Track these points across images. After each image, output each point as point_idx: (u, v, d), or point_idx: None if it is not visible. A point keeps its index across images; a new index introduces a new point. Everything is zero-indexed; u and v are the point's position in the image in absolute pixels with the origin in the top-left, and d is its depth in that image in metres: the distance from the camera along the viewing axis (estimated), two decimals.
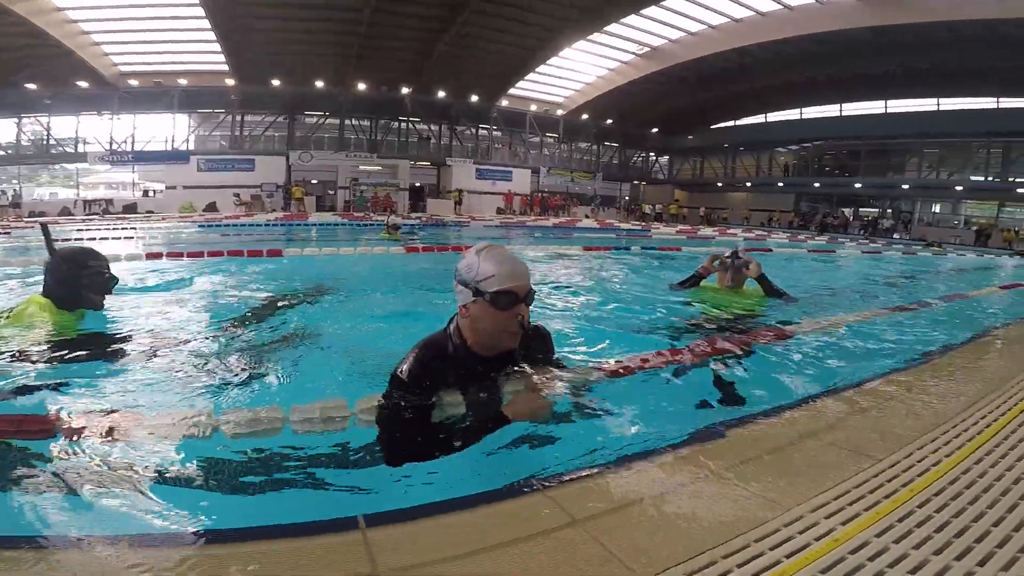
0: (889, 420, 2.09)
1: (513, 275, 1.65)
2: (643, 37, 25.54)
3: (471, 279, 1.66)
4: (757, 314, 3.95)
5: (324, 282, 5.62)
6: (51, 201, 26.19)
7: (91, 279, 2.72)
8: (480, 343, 1.73)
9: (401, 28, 22.14)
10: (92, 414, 1.72)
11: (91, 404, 2.10)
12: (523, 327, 1.66)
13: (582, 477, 1.58)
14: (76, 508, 1.49)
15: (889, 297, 6.77)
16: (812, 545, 1.29)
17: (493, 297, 1.62)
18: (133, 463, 1.65)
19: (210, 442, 1.71)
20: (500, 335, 1.69)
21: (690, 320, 3.86)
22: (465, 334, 1.74)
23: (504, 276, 1.63)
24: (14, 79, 22.41)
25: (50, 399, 2.11)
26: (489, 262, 1.65)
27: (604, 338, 3.43)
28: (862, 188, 30.70)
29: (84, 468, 1.60)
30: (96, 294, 2.78)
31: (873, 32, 20.85)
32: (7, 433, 1.67)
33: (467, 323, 1.72)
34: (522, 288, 1.66)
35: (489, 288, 1.62)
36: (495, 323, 1.66)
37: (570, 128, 34.07)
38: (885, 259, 12.42)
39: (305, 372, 2.72)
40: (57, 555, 1.18)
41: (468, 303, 1.68)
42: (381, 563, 1.18)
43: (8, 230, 13.16)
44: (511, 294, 1.64)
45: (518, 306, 1.65)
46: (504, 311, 1.64)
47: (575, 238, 14.43)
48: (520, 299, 1.66)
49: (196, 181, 26.00)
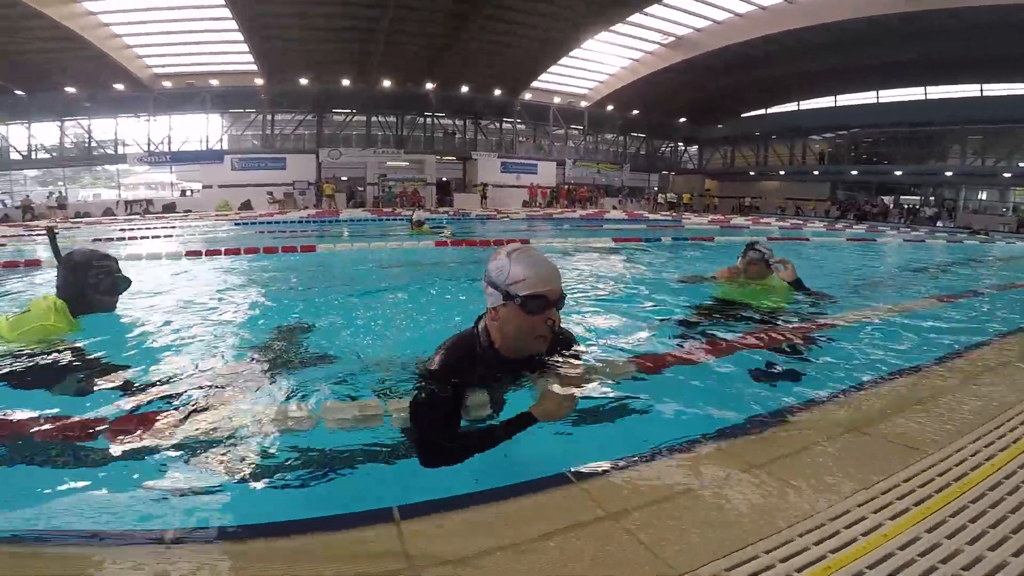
0: (939, 413, 2.01)
1: (544, 279, 1.62)
2: (667, 27, 24.98)
3: (502, 282, 1.63)
4: (781, 309, 3.65)
5: (354, 276, 5.70)
6: (95, 202, 27.22)
7: (98, 279, 2.64)
8: (508, 346, 1.71)
9: (423, 23, 22.17)
10: (126, 412, 1.78)
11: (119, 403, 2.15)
12: (553, 331, 1.64)
13: (616, 470, 1.56)
14: (113, 504, 1.52)
15: (935, 286, 6.51)
16: (859, 540, 1.25)
17: (523, 301, 1.60)
18: (171, 460, 1.68)
19: (245, 439, 1.75)
20: (529, 339, 1.67)
21: (710, 313, 3.61)
22: (493, 336, 1.72)
23: (535, 280, 1.61)
24: (51, 82, 23.29)
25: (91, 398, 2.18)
26: (520, 265, 1.62)
27: (632, 331, 3.39)
28: (902, 176, 29.55)
29: (117, 465, 1.63)
30: (104, 295, 2.70)
31: (903, 19, 19.94)
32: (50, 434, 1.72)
33: (496, 325, 1.70)
34: (553, 293, 1.64)
35: (520, 292, 1.60)
36: (524, 327, 1.64)
37: (595, 120, 33.67)
38: (928, 247, 11.95)
39: (336, 369, 2.75)
40: (98, 549, 1.21)
41: (498, 306, 1.66)
42: (416, 556, 1.18)
43: (57, 231, 13.76)
44: (542, 298, 1.61)
45: (548, 311, 1.63)
46: (534, 315, 1.62)
47: (604, 230, 14.25)
48: (551, 303, 1.63)
49: (231, 180, 26.71)
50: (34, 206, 23.45)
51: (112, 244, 10.18)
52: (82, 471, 1.65)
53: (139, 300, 4.34)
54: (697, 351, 2.46)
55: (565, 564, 1.17)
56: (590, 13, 22.03)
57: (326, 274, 6.53)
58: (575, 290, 4.92)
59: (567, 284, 5.14)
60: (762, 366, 2.57)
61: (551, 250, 8.38)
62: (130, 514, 1.48)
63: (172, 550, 1.19)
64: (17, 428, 1.73)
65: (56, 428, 1.72)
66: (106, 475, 1.62)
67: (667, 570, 1.14)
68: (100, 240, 10.56)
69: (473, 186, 29.99)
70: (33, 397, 2.08)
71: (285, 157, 28.09)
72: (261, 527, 1.31)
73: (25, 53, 21.33)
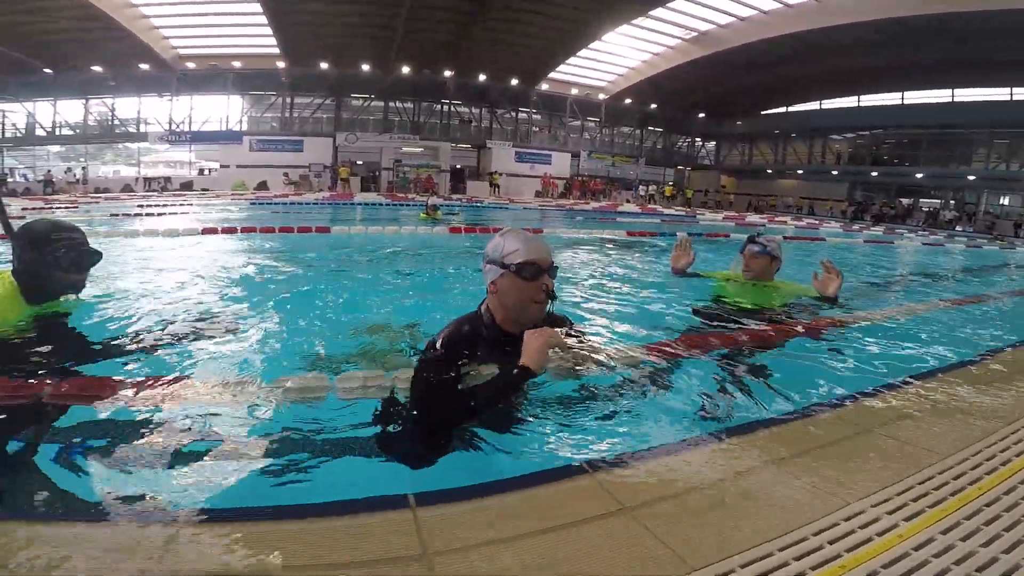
0: (954, 416, 2.01)
1: (535, 248, 1.74)
2: (689, 22, 24.62)
3: (498, 256, 1.76)
4: (783, 311, 3.19)
5: (366, 258, 5.75)
6: (115, 178, 27.64)
7: (58, 255, 2.16)
8: (509, 318, 1.80)
9: (442, 10, 22.06)
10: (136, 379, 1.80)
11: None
12: (549, 296, 1.74)
13: (631, 464, 1.56)
14: (131, 484, 1.52)
15: (954, 289, 6.43)
16: (874, 540, 1.27)
17: (519, 268, 1.71)
18: (184, 439, 1.69)
19: (260, 419, 1.78)
20: (527, 306, 1.77)
21: (711, 311, 3.26)
22: (494, 310, 1.82)
23: (527, 249, 1.73)
24: (77, 61, 23.54)
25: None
26: (512, 239, 1.76)
27: (639, 322, 3.39)
28: (924, 178, 29.02)
29: (138, 446, 1.65)
30: (69, 272, 2.22)
31: (934, 20, 19.45)
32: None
33: (495, 299, 1.80)
34: (545, 260, 1.75)
35: (515, 260, 1.72)
36: (522, 294, 1.74)
37: (612, 112, 33.37)
38: (947, 251, 11.76)
39: (347, 344, 2.80)
40: (118, 528, 1.21)
41: (496, 278, 1.77)
42: (431, 544, 1.18)
43: (76, 204, 14.08)
44: (535, 264, 1.73)
45: (542, 276, 1.74)
46: (530, 281, 1.73)
47: (618, 222, 14.18)
48: (544, 270, 1.74)
49: (249, 161, 26.94)
50: (55, 181, 23.95)
51: (129, 219, 10.37)
52: (92, 448, 1.68)
53: (147, 274, 4.44)
54: (709, 345, 2.45)
55: (580, 555, 1.17)
56: (612, 7, 21.75)
57: (339, 254, 6.59)
58: (582, 283, 4.92)
59: (576, 275, 5.16)
60: (775, 363, 2.55)
61: (556, 240, 8.38)
62: (145, 495, 1.47)
63: (187, 530, 1.20)
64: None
65: (86, 391, 1.76)
66: (118, 456, 1.62)
67: (681, 564, 1.15)
68: (117, 215, 10.72)
69: (487, 174, 29.93)
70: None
71: (303, 140, 28.24)
72: (277, 509, 1.32)
73: (53, 32, 21.57)
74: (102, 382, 1.83)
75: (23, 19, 20.19)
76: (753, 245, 3.30)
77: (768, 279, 3.33)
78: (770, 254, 3.27)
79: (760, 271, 3.30)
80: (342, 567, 1.11)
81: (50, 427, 1.76)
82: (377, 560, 1.13)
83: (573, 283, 4.81)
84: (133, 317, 2.78)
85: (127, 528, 1.22)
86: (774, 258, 3.29)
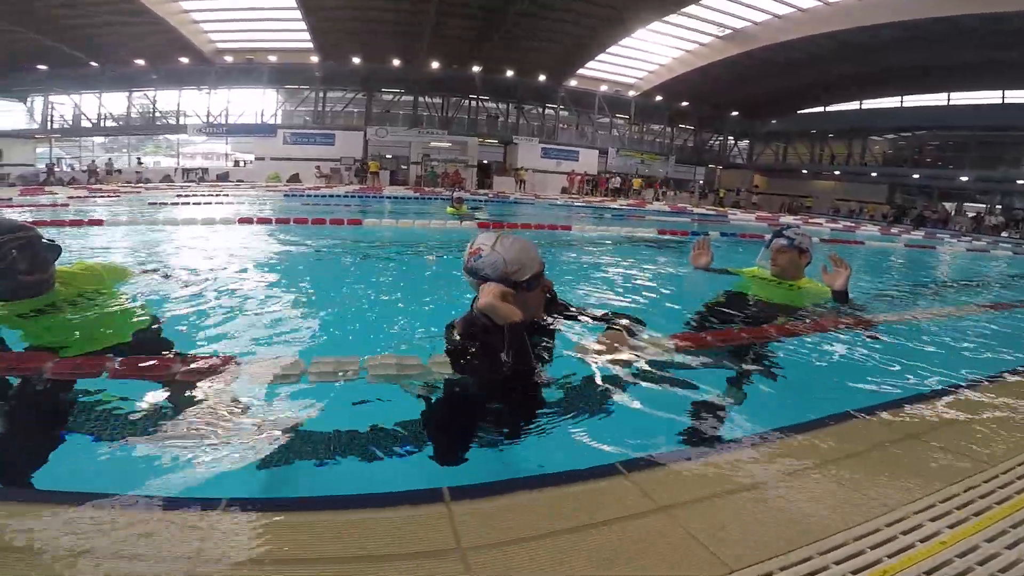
0: (1000, 424, 1.95)
1: (532, 259, 1.78)
2: (724, 19, 24.03)
3: (500, 275, 1.72)
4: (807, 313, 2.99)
5: (396, 250, 5.82)
6: (154, 169, 28.60)
7: (13, 258, 2.01)
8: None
9: (471, 6, 22.07)
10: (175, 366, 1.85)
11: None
12: (549, 294, 1.83)
13: (666, 464, 1.55)
14: (168, 471, 1.54)
15: (1000, 296, 6.19)
16: (917, 547, 1.24)
17: (529, 284, 1.76)
18: (222, 426, 1.70)
19: (297, 410, 1.82)
20: (536, 312, 1.86)
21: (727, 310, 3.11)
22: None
23: (530, 263, 1.76)
24: (122, 54, 24.33)
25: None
26: (511, 254, 1.73)
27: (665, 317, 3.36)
28: (969, 182, 27.85)
29: (177, 431, 1.68)
30: (22, 274, 2.06)
31: (983, 20, 18.59)
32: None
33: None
34: (541, 264, 1.81)
35: (523, 278, 1.74)
36: (531, 301, 1.80)
37: (642, 110, 32.91)
38: (993, 258, 11.30)
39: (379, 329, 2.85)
40: (155, 515, 1.21)
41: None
42: (465, 539, 1.18)
43: (119, 193, 14.62)
44: (538, 276, 1.79)
45: (543, 280, 1.83)
46: (536, 290, 1.80)
47: (647, 221, 14.02)
48: (542, 273, 1.81)
49: (282, 153, 27.50)
50: (98, 170, 24.97)
51: (166, 207, 10.72)
52: (128, 430, 1.72)
53: (189, 259, 4.57)
54: (741, 341, 2.41)
55: (615, 553, 1.17)
56: (645, 3, 21.42)
57: (370, 247, 6.70)
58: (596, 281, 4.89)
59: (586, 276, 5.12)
60: (816, 365, 2.50)
61: (557, 238, 8.33)
62: (183, 482, 1.49)
63: (223, 516, 1.22)
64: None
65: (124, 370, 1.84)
66: (156, 442, 1.66)
67: (720, 566, 1.14)
68: (155, 204, 11.09)
69: (513, 169, 29.92)
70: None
71: (334, 133, 28.65)
72: (312, 500, 1.33)
73: (100, 27, 22.34)
74: (151, 362, 1.90)
75: (71, 13, 20.94)
76: (780, 238, 3.12)
77: (797, 275, 3.14)
78: (798, 247, 3.08)
79: (787, 266, 3.11)
80: (384, 559, 1.11)
81: (86, 410, 1.81)
82: (410, 552, 1.13)
83: (593, 283, 4.80)
84: (166, 299, 2.88)
85: (160, 514, 1.22)
86: (803, 252, 3.09)
